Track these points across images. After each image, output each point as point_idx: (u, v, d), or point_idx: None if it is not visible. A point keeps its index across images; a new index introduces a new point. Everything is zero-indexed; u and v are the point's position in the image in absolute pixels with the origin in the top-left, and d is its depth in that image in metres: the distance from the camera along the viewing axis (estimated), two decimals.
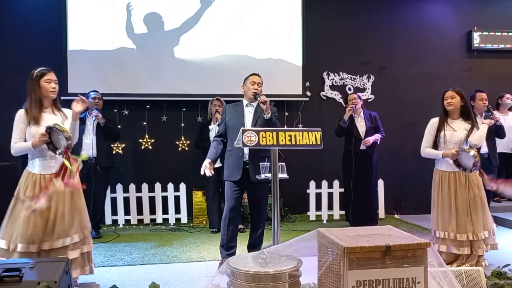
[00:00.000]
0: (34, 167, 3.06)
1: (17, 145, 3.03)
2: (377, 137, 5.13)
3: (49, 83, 3.08)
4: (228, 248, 3.72)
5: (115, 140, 5.49)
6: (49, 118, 3.08)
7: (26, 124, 3.03)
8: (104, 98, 5.28)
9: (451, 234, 3.58)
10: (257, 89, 3.74)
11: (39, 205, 2.87)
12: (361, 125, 5.14)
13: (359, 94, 5.60)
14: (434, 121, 3.82)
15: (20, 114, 3.06)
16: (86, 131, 4.92)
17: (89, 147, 4.87)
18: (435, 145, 3.76)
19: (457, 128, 3.71)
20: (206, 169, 3.54)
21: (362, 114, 5.20)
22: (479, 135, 3.65)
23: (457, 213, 3.60)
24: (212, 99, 5.38)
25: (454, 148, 3.58)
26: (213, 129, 5.25)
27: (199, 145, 5.38)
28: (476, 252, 3.59)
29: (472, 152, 3.39)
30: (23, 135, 3.04)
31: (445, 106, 3.77)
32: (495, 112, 5.90)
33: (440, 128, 3.74)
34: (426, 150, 3.80)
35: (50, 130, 2.92)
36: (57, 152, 2.96)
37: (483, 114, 5.25)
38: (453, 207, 3.61)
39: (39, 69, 3.10)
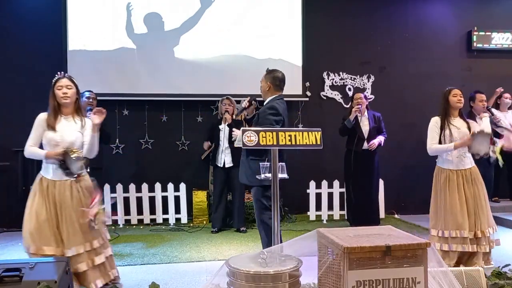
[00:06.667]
0: (48, 172, 3.08)
1: (31, 149, 3.08)
2: (380, 139, 5.15)
3: (60, 90, 3.10)
4: None
5: (105, 143, 5.33)
6: (67, 125, 3.13)
7: (45, 128, 3.08)
8: (104, 98, 5.26)
9: (463, 232, 3.55)
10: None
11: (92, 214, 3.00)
12: (364, 125, 5.14)
13: (365, 94, 5.63)
14: (436, 119, 3.76)
15: (40, 118, 3.11)
16: None
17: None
18: (439, 144, 3.71)
19: (459, 126, 3.69)
20: None
21: (366, 114, 5.20)
22: (487, 125, 3.71)
23: (468, 210, 3.60)
24: (222, 98, 5.36)
25: (466, 136, 3.57)
26: (223, 129, 5.20)
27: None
28: (481, 249, 3.57)
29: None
30: (39, 140, 3.10)
31: (455, 102, 3.71)
32: (495, 111, 5.91)
33: (443, 126, 3.69)
34: (433, 146, 3.69)
35: (64, 154, 2.97)
36: (72, 177, 3.02)
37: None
38: (464, 205, 3.60)
39: (57, 76, 3.15)
